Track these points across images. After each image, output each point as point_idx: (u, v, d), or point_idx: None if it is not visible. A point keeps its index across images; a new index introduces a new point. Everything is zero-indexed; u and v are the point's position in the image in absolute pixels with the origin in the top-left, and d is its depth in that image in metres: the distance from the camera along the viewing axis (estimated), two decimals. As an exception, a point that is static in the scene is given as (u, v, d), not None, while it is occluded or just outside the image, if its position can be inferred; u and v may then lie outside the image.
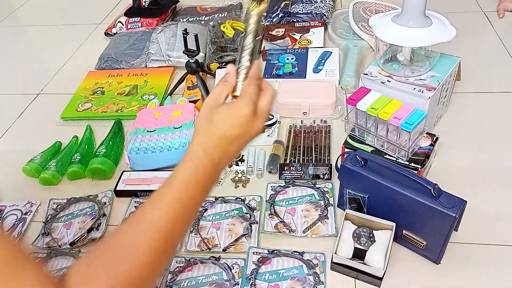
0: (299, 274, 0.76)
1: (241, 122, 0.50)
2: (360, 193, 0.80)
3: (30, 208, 0.95)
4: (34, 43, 1.70)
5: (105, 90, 1.29)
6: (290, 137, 1.05)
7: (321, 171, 0.93)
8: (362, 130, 0.91)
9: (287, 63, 1.26)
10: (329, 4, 1.53)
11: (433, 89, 0.90)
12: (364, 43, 1.31)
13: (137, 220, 0.48)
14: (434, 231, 0.72)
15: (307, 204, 0.88)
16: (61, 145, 1.11)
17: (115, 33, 1.57)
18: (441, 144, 0.96)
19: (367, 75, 0.97)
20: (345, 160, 0.81)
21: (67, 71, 1.45)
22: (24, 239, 0.89)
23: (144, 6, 1.61)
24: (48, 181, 1.00)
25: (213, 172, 0.51)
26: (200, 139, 0.51)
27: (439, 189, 0.70)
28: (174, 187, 0.49)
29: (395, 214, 0.75)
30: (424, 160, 0.84)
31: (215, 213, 0.89)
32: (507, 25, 1.40)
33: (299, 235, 0.83)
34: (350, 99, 0.89)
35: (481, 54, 1.27)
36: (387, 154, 0.87)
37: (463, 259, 0.76)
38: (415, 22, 0.89)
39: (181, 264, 0.79)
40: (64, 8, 1.96)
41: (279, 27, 1.45)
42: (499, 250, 0.77)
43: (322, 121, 1.08)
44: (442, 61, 0.96)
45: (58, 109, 1.23)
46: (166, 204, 0.48)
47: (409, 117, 0.83)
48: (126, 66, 1.39)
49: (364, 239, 0.73)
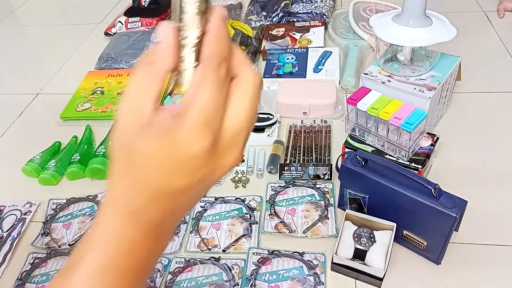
0: (299, 274, 0.76)
1: (192, 167, 0.27)
2: (361, 193, 0.80)
3: (30, 208, 0.95)
4: (34, 43, 1.69)
5: (104, 90, 1.29)
6: (290, 137, 1.05)
7: (322, 171, 0.93)
8: (363, 130, 0.91)
9: (287, 63, 1.26)
10: (329, 3, 1.52)
11: (434, 89, 0.90)
12: (364, 43, 1.31)
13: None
14: (434, 231, 0.72)
15: (307, 205, 0.88)
16: (61, 145, 1.11)
17: (114, 32, 1.57)
18: (442, 144, 0.96)
19: (368, 75, 0.96)
20: (346, 160, 0.81)
21: (66, 71, 1.45)
22: (24, 239, 0.89)
23: (144, 6, 1.61)
24: (48, 181, 0.99)
25: (151, 243, 0.30)
26: (119, 190, 0.29)
27: (439, 189, 0.70)
28: (81, 279, 0.29)
29: (395, 215, 0.75)
30: (424, 160, 0.84)
31: (215, 213, 0.89)
32: (507, 25, 1.40)
33: (299, 236, 0.82)
34: (351, 99, 0.89)
35: (481, 54, 1.27)
36: (388, 154, 0.87)
37: (463, 259, 0.76)
38: (415, 22, 0.89)
39: (180, 264, 0.79)
40: (64, 8, 1.95)
41: (279, 26, 1.45)
42: (499, 250, 0.77)
43: (322, 121, 1.08)
44: (442, 61, 0.96)
45: (58, 109, 1.23)
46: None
47: (409, 117, 0.83)
48: (126, 66, 1.39)
49: (364, 240, 0.73)
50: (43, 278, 0.81)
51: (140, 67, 0.28)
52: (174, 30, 0.28)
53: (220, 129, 0.27)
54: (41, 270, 0.82)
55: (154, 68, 0.28)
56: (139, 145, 0.27)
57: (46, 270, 0.82)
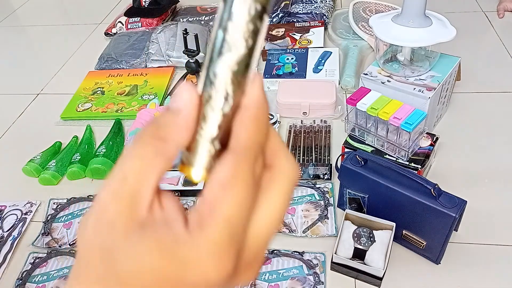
0: (299, 274, 0.76)
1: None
2: (360, 193, 0.80)
3: (30, 208, 0.95)
4: (34, 43, 1.70)
5: (105, 90, 1.29)
6: (290, 137, 1.05)
7: (321, 171, 0.93)
8: (362, 130, 0.91)
9: (287, 63, 1.26)
10: (329, 4, 1.53)
11: (433, 89, 0.90)
12: (364, 43, 1.31)
13: None
14: (434, 231, 0.72)
15: (307, 204, 0.88)
16: (61, 145, 1.11)
17: (115, 33, 1.57)
18: (441, 144, 0.96)
19: (367, 75, 0.97)
20: (345, 160, 0.81)
21: (67, 71, 1.45)
22: (24, 239, 0.89)
23: (144, 6, 1.61)
24: (48, 181, 0.99)
25: None
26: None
27: (439, 189, 0.70)
28: None
29: (395, 214, 0.75)
30: (424, 160, 0.84)
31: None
32: (507, 25, 1.40)
33: (299, 235, 0.83)
34: (350, 99, 0.89)
35: (481, 54, 1.27)
36: (387, 154, 0.87)
37: (463, 259, 0.76)
38: (415, 22, 0.89)
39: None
40: (64, 8, 1.96)
41: (279, 27, 1.45)
42: (499, 250, 0.77)
43: (322, 121, 1.08)
44: (442, 61, 0.96)
45: (58, 109, 1.23)
46: None
47: (409, 117, 0.83)
48: (126, 66, 1.39)
49: (364, 239, 0.73)
50: (44, 277, 0.81)
51: (144, 140, 0.21)
52: (198, 98, 0.21)
53: (244, 242, 0.20)
54: (42, 270, 0.82)
55: (163, 146, 0.20)
56: (130, 252, 0.19)
57: (47, 270, 0.82)
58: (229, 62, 0.20)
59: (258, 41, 0.21)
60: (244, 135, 0.21)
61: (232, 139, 0.21)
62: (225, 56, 0.20)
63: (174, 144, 0.21)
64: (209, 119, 0.21)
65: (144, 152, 0.20)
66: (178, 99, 0.21)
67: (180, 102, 0.21)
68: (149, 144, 0.20)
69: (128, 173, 0.20)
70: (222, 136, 0.21)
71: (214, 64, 0.21)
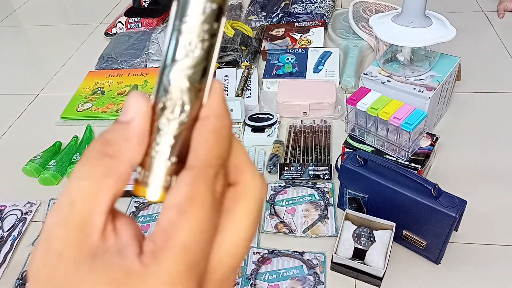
0: (299, 274, 0.76)
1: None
2: (360, 193, 0.80)
3: (30, 208, 0.95)
4: (34, 43, 1.70)
5: (105, 90, 1.29)
6: (290, 137, 1.05)
7: (321, 171, 0.93)
8: (362, 130, 0.91)
9: (287, 63, 1.26)
10: (329, 4, 1.53)
11: (433, 89, 0.90)
12: (364, 43, 1.31)
13: None
14: (434, 231, 0.72)
15: (307, 204, 0.88)
16: (61, 145, 1.11)
17: (115, 33, 1.57)
18: (441, 144, 0.96)
19: (367, 75, 0.97)
20: (345, 160, 0.81)
21: (67, 71, 1.45)
22: (24, 239, 0.89)
23: (144, 6, 1.61)
24: (48, 181, 0.99)
25: None
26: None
27: (439, 189, 0.70)
28: None
29: (395, 214, 0.75)
30: (424, 160, 0.84)
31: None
32: (507, 25, 1.40)
33: (299, 235, 0.83)
34: (350, 99, 0.89)
35: (481, 54, 1.27)
36: (387, 154, 0.87)
37: (463, 259, 0.76)
38: (415, 22, 0.89)
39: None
40: (64, 8, 1.96)
41: (279, 27, 1.45)
42: (499, 250, 0.77)
43: (322, 121, 1.08)
44: (442, 61, 0.96)
45: (58, 109, 1.23)
46: None
47: (409, 117, 0.83)
48: (126, 66, 1.39)
49: (364, 239, 0.73)
50: (44, 277, 0.81)
51: (92, 158, 0.19)
52: (150, 108, 0.19)
53: (207, 269, 0.19)
54: (42, 270, 0.82)
55: (113, 164, 0.19)
56: (79, 286, 0.17)
57: (47, 270, 0.82)
58: (183, 66, 0.18)
59: (215, 44, 0.19)
60: (203, 150, 0.19)
61: (190, 154, 0.19)
62: (179, 61, 0.19)
63: (125, 161, 0.19)
64: (163, 132, 0.19)
65: (92, 172, 0.18)
66: (126, 110, 0.19)
67: (129, 114, 0.19)
68: (98, 163, 0.18)
69: (75, 197, 0.18)
70: (181, 149, 0.19)
71: (167, 70, 0.19)
